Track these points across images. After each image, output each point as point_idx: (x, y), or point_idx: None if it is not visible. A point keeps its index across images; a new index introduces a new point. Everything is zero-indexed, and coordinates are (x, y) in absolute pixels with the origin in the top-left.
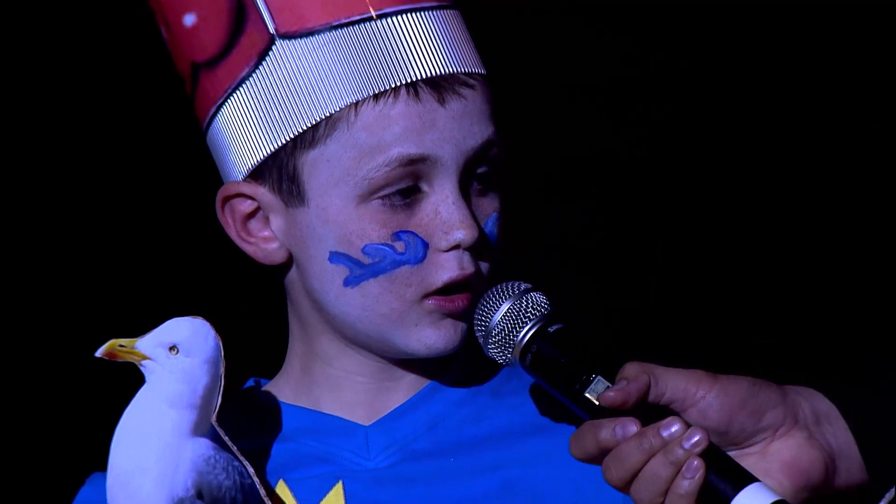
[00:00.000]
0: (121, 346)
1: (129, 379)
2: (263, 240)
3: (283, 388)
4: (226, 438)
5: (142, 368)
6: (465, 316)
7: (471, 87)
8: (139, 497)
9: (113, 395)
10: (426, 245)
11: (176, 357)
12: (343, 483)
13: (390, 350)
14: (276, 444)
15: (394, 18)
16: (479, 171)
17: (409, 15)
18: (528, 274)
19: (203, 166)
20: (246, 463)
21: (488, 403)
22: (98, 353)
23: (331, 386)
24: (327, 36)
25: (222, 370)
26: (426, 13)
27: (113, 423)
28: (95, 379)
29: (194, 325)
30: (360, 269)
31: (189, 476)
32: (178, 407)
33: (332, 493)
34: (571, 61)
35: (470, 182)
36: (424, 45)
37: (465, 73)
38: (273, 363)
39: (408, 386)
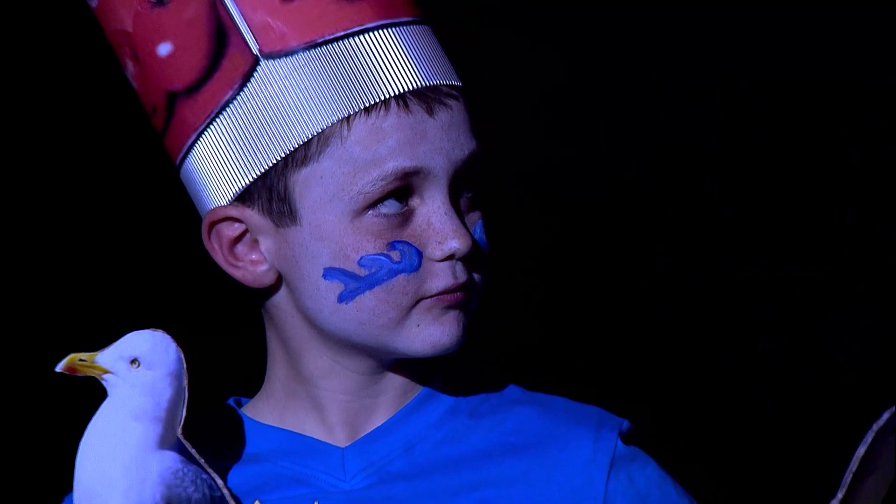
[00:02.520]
0: (81, 360)
1: (90, 393)
2: (252, 263)
3: (262, 410)
4: (192, 451)
5: (103, 383)
6: (464, 309)
7: (454, 97)
8: None
9: (74, 412)
10: (420, 254)
11: (138, 370)
12: (318, 500)
13: (391, 355)
14: (251, 465)
15: (375, 33)
16: (466, 182)
17: (389, 30)
18: (513, 283)
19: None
20: (215, 475)
21: (466, 423)
22: (58, 368)
23: (313, 406)
24: (312, 53)
25: (185, 383)
26: (405, 28)
27: (76, 440)
28: (55, 395)
29: (155, 338)
30: (355, 283)
31: (157, 489)
32: (143, 420)
33: None
34: (539, 69)
35: (459, 193)
36: (408, 58)
37: (446, 85)
38: (251, 378)
39: (389, 403)
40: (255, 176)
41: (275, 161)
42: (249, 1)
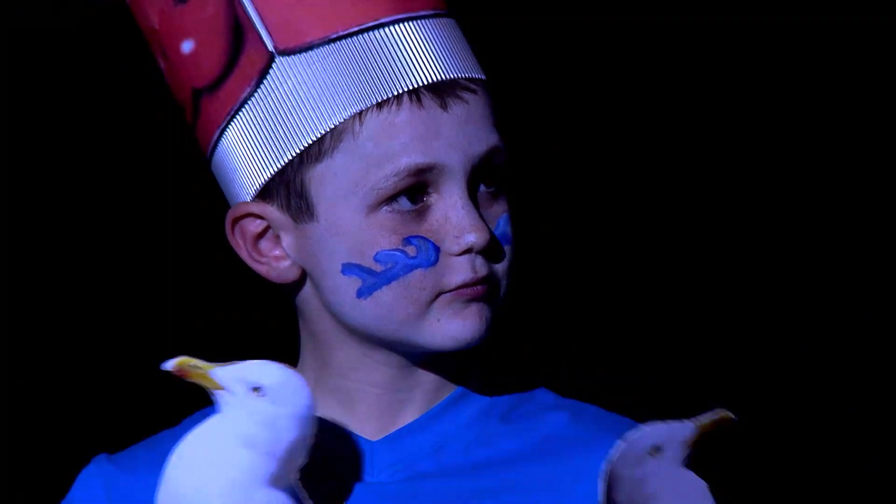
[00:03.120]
0: (194, 366)
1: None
2: (275, 259)
3: None
4: (309, 502)
5: (215, 397)
6: (488, 303)
7: (472, 91)
8: None
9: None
10: (437, 249)
11: (259, 400)
12: (344, 494)
13: (414, 350)
14: None
15: (391, 28)
16: (486, 177)
17: (405, 24)
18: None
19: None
20: None
21: (497, 428)
22: (167, 367)
23: (344, 398)
24: (326, 49)
25: (314, 430)
26: (422, 21)
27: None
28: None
29: (286, 374)
30: (372, 278)
31: None
32: (256, 451)
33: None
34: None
35: (477, 187)
36: (424, 52)
37: (465, 79)
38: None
39: (421, 399)
40: (273, 172)
41: (290, 157)
42: None
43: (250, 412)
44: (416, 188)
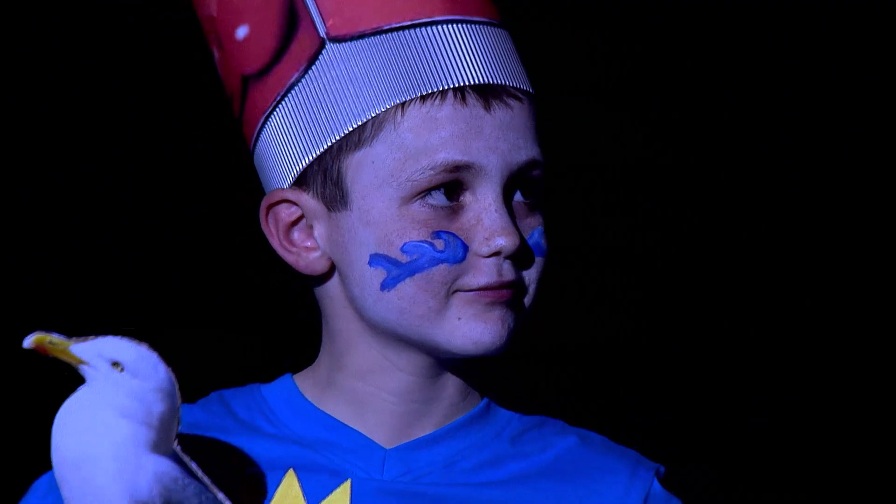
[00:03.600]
0: (51, 342)
1: None
2: (305, 249)
3: (309, 390)
4: (194, 465)
5: (81, 371)
6: (512, 310)
7: (518, 99)
8: (94, 485)
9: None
10: (466, 247)
11: (121, 374)
12: (352, 482)
13: (435, 352)
14: (293, 445)
15: (444, 27)
16: (524, 187)
17: (459, 25)
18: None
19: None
20: (221, 495)
21: (507, 450)
22: (27, 344)
23: (355, 403)
24: (377, 39)
25: (179, 402)
26: (474, 26)
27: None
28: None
29: (139, 351)
30: (397, 270)
31: (154, 486)
32: (132, 421)
33: (339, 489)
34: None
35: (513, 195)
36: (473, 54)
37: (512, 87)
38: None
39: (437, 413)
40: (311, 158)
41: (331, 143)
42: None
43: (116, 385)
44: (453, 186)
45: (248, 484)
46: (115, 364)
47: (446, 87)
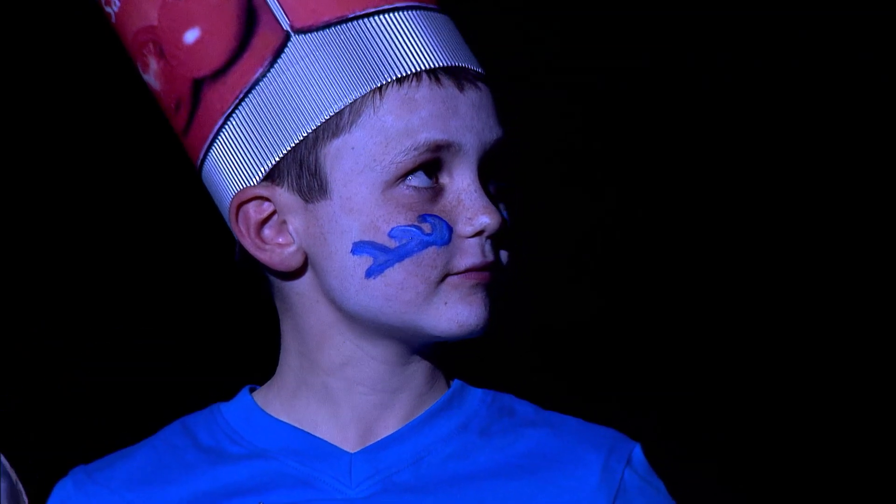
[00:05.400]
0: None
1: None
2: (279, 245)
3: (272, 400)
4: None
5: None
6: (490, 293)
7: (483, 80)
8: None
9: None
10: (451, 229)
11: None
12: None
13: (417, 336)
14: (259, 460)
15: (406, 13)
16: (493, 168)
17: (417, 12)
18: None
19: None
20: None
21: (475, 442)
22: None
23: (327, 400)
24: (343, 27)
25: (14, 476)
26: (432, 13)
27: None
28: None
29: None
30: (384, 256)
31: None
32: None
33: None
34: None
35: (486, 178)
36: (437, 39)
37: (475, 70)
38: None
39: (404, 404)
40: (284, 151)
41: (305, 134)
42: None
43: None
44: (431, 167)
45: None
46: None
47: (420, 70)
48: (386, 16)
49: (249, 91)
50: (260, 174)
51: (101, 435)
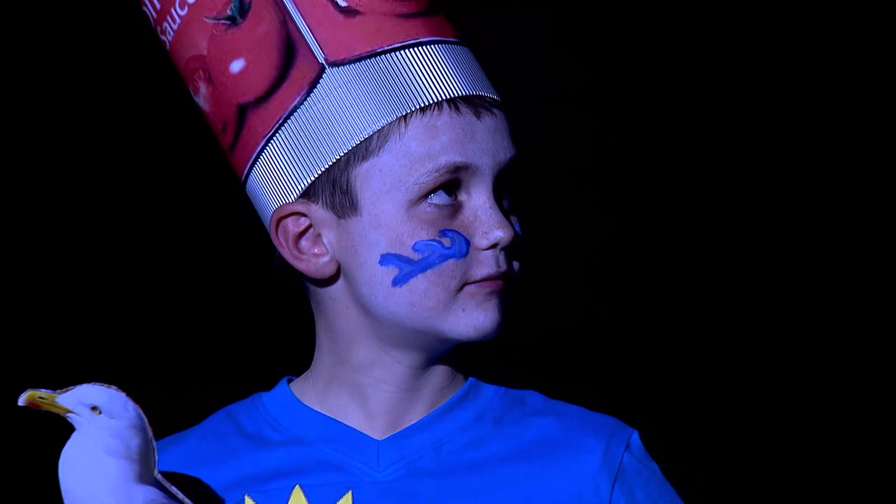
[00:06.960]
0: (41, 397)
1: None
2: (314, 255)
3: (308, 392)
4: (173, 489)
5: (69, 419)
6: (503, 299)
7: (498, 107)
8: None
9: None
10: (468, 242)
11: (100, 417)
12: (353, 493)
13: (437, 340)
14: (296, 446)
15: (427, 47)
16: (507, 184)
17: (439, 45)
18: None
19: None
20: None
21: (490, 431)
22: (21, 402)
23: (357, 394)
24: (372, 61)
25: (151, 434)
26: (452, 46)
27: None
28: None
29: (110, 393)
30: (409, 267)
31: None
32: (118, 457)
33: (341, 501)
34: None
35: (500, 193)
36: (457, 70)
37: (491, 98)
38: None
39: (426, 399)
40: (319, 172)
41: (338, 157)
42: (315, 18)
43: (98, 427)
44: (451, 185)
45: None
46: (94, 408)
47: (441, 99)
48: (411, 50)
49: (288, 117)
50: (297, 191)
51: (152, 423)
